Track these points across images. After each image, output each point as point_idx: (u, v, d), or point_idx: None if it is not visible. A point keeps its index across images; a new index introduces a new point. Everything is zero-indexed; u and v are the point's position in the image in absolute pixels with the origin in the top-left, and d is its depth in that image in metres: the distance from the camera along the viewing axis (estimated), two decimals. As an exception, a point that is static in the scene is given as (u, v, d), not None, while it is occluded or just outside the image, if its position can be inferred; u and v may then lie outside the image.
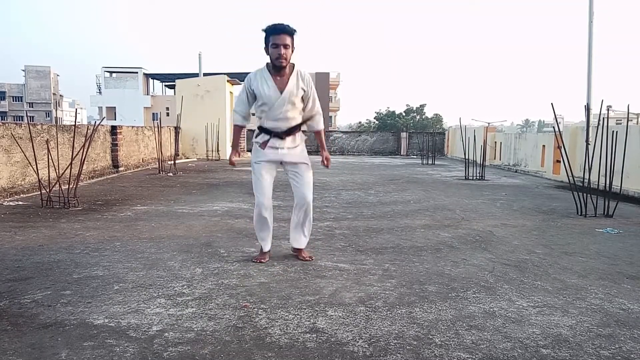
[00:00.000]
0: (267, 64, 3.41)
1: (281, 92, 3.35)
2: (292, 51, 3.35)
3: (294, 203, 3.65)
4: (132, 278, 3.12)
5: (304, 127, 3.64)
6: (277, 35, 3.27)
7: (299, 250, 3.70)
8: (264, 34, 3.32)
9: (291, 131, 3.48)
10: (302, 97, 3.47)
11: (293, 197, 3.65)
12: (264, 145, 3.47)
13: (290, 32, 3.31)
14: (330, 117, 58.47)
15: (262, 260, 3.57)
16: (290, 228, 3.73)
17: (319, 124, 3.66)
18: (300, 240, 3.68)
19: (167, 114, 47.22)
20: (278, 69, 3.35)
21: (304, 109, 3.54)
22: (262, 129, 3.50)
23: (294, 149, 3.51)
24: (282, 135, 3.45)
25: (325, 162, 3.75)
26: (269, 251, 3.67)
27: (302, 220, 3.63)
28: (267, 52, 3.34)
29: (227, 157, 16.46)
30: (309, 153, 3.71)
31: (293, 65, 3.42)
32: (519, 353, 2.15)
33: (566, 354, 2.15)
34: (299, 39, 3.38)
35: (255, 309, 2.63)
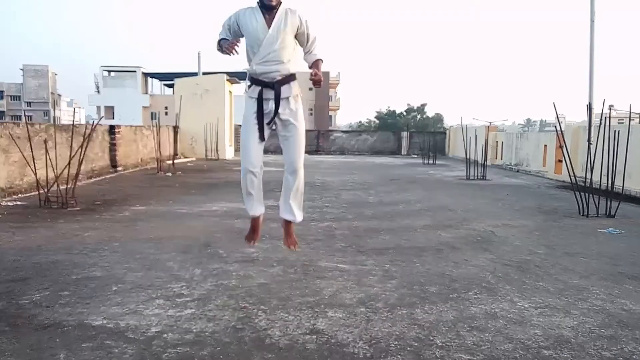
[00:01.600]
0: (257, 2, 3.23)
1: (269, 27, 3.15)
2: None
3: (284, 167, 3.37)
4: (130, 279, 3.11)
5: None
6: None
7: (287, 224, 3.37)
8: None
9: (284, 81, 3.23)
10: (296, 37, 3.25)
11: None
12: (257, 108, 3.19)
13: None
14: (331, 116, 58.50)
15: (254, 241, 3.34)
16: (280, 197, 3.39)
17: (319, 54, 3.35)
18: (287, 210, 3.31)
19: (166, 114, 47.10)
20: (268, 8, 3.17)
21: (304, 47, 3.30)
22: (253, 80, 3.27)
23: (288, 101, 3.24)
24: (273, 85, 3.20)
25: (315, 75, 3.25)
26: (259, 218, 3.37)
27: (291, 187, 3.29)
28: None
29: (226, 157, 16.36)
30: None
31: (280, 3, 3.21)
32: (520, 354, 2.14)
33: (568, 355, 2.14)
34: None
35: (255, 310, 2.61)
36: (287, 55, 3.24)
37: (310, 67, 3.39)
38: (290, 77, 3.28)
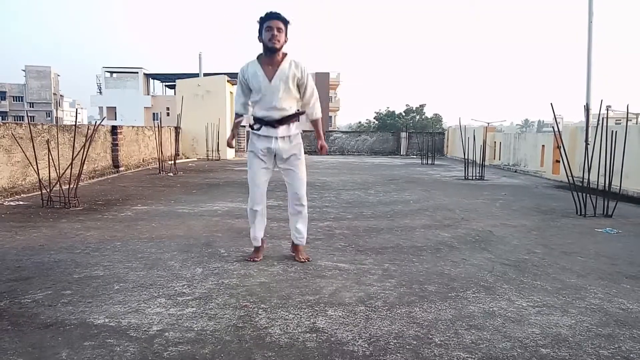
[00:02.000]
0: (259, 55, 3.42)
1: (270, 80, 3.35)
2: (286, 40, 3.36)
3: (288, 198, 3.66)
4: (132, 278, 3.13)
5: (303, 127, 3.63)
6: (271, 20, 3.31)
7: (296, 247, 3.69)
8: (259, 24, 3.34)
9: (284, 120, 3.43)
10: (297, 87, 3.44)
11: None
12: (257, 132, 3.45)
13: (284, 20, 3.34)
14: (330, 117, 58.45)
15: (256, 259, 3.58)
16: (290, 224, 3.73)
17: (317, 111, 3.61)
18: (295, 237, 3.68)
19: (168, 114, 47.26)
20: (271, 52, 3.34)
21: (301, 99, 3.51)
22: (255, 119, 3.48)
23: (288, 139, 3.46)
24: (274, 123, 3.41)
25: (321, 150, 3.72)
26: (261, 247, 3.66)
27: (296, 218, 3.63)
28: (261, 39, 3.35)
29: (227, 157, 16.45)
30: (308, 153, 3.71)
31: (286, 55, 3.40)
32: (518, 353, 2.16)
33: (565, 354, 2.16)
34: (291, 36, 3.39)
35: (256, 309, 2.64)
36: (289, 103, 3.47)
37: (310, 121, 3.68)
38: (291, 117, 3.49)
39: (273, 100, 3.38)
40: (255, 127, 3.47)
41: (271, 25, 3.29)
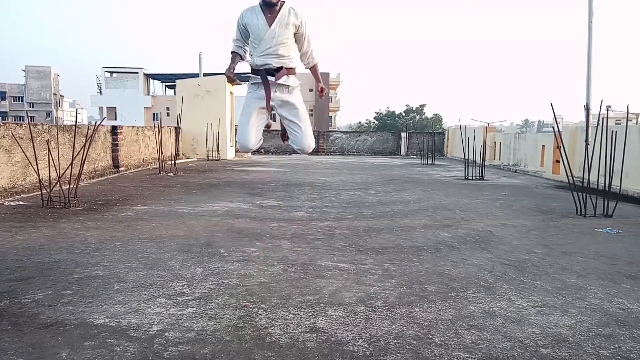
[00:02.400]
0: (260, 1, 3.41)
1: (270, 25, 3.34)
2: None
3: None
4: (132, 278, 3.13)
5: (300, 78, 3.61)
6: None
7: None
8: None
9: (283, 70, 3.41)
10: (295, 36, 3.43)
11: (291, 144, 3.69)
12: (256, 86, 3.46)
13: None
14: (330, 117, 58.46)
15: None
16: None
17: (314, 58, 3.60)
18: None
19: (168, 114, 47.29)
20: (269, 5, 3.33)
21: (299, 48, 3.50)
22: (254, 70, 3.46)
23: (287, 89, 3.45)
24: (273, 71, 3.39)
25: (320, 92, 3.69)
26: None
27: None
28: None
29: (227, 157, 16.41)
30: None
31: (284, 3, 3.40)
32: (518, 353, 2.16)
33: (566, 354, 2.16)
34: None
35: (256, 309, 2.64)
36: (286, 50, 3.43)
37: (308, 69, 3.60)
38: (289, 70, 3.43)
39: (272, 46, 3.36)
40: (252, 79, 3.45)
41: None
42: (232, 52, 3.60)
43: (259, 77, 3.44)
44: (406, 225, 5.05)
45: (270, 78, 3.40)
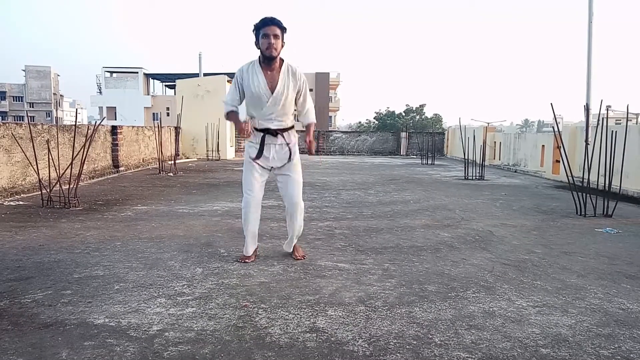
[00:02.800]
0: (259, 57, 3.38)
1: (272, 91, 3.34)
2: (282, 45, 3.33)
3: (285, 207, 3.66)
4: (132, 278, 3.13)
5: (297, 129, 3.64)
6: (267, 27, 3.28)
7: (292, 251, 3.74)
8: (254, 31, 3.33)
9: (284, 130, 3.47)
10: (295, 96, 3.45)
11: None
12: (258, 152, 3.46)
13: (280, 25, 3.31)
14: (330, 117, 58.50)
15: (247, 260, 3.56)
16: (288, 233, 3.73)
17: (311, 117, 3.61)
18: (289, 245, 3.73)
19: (168, 114, 47.30)
20: (268, 60, 3.33)
21: (296, 106, 3.52)
22: (255, 128, 3.46)
23: (287, 147, 3.48)
24: (274, 132, 3.43)
25: (309, 145, 3.57)
26: (254, 253, 3.65)
27: (292, 224, 3.62)
28: (258, 46, 3.33)
29: (227, 157, 16.38)
30: (300, 152, 3.71)
31: (283, 61, 3.40)
32: (518, 352, 2.16)
33: (566, 354, 2.16)
34: (291, 37, 3.41)
35: (256, 309, 2.64)
36: (287, 115, 3.48)
37: (303, 127, 3.65)
38: (289, 130, 3.53)
39: (274, 112, 3.38)
40: (253, 137, 3.46)
41: (267, 32, 3.26)
42: (228, 113, 3.51)
43: (260, 135, 3.44)
44: (406, 225, 5.05)
45: (271, 138, 3.43)
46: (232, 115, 3.52)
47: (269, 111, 3.38)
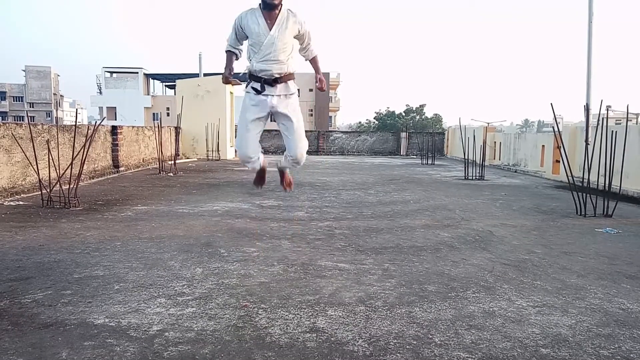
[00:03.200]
0: (259, 4, 3.38)
1: (270, 29, 3.32)
2: None
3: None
4: (132, 278, 3.13)
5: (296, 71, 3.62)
6: None
7: (282, 173, 3.90)
8: None
9: (282, 78, 3.41)
10: (296, 37, 3.43)
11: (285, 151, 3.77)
12: (254, 90, 3.46)
13: None
14: (330, 117, 58.50)
15: (261, 185, 3.82)
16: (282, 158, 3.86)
17: (313, 50, 3.60)
18: (284, 164, 3.85)
19: (168, 114, 47.33)
20: (270, 7, 3.31)
21: (300, 45, 3.50)
22: (251, 76, 3.44)
23: (286, 98, 3.47)
24: (272, 82, 3.39)
25: (320, 83, 3.67)
26: (263, 168, 3.83)
27: (290, 161, 3.75)
28: None
29: (227, 157, 16.40)
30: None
31: (282, 5, 3.38)
32: (518, 352, 2.16)
33: (566, 354, 2.16)
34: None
35: (256, 309, 2.64)
36: (286, 55, 3.41)
37: (308, 62, 3.62)
38: (288, 76, 3.41)
39: (272, 52, 3.34)
40: (254, 86, 3.46)
41: None
42: (227, 52, 3.58)
43: (258, 83, 3.43)
44: (406, 225, 5.05)
45: (269, 87, 3.41)
46: (227, 55, 3.58)
47: (266, 51, 3.34)
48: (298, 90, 3.65)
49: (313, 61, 3.66)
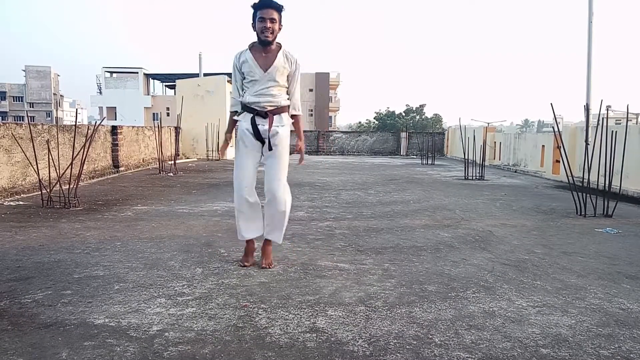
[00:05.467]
0: (252, 43, 3.36)
1: (265, 70, 3.30)
2: (280, 28, 3.30)
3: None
4: (132, 278, 3.13)
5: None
6: (264, 10, 3.23)
7: (265, 246, 3.50)
8: (253, 11, 3.28)
9: (275, 111, 3.36)
10: (287, 77, 3.39)
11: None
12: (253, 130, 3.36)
13: (277, 7, 3.26)
14: (330, 117, 58.50)
15: (246, 264, 3.42)
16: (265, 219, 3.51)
17: (297, 106, 3.50)
18: (269, 231, 3.47)
19: (168, 114, 47.35)
20: (264, 44, 3.29)
21: (287, 89, 3.43)
22: (245, 108, 3.39)
23: (278, 128, 3.35)
24: (264, 114, 3.33)
25: (299, 150, 3.54)
26: (253, 242, 3.51)
27: (272, 213, 3.41)
28: (254, 28, 3.29)
29: (227, 157, 16.44)
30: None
31: (280, 46, 3.37)
32: (518, 353, 2.16)
33: (566, 354, 2.16)
34: (292, 36, 3.47)
35: (256, 309, 2.64)
36: (280, 91, 3.40)
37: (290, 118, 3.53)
38: (281, 109, 3.41)
39: (266, 87, 3.31)
40: (242, 116, 3.39)
41: (264, 16, 3.22)
42: (231, 112, 3.52)
43: (250, 115, 3.36)
44: (406, 225, 5.05)
45: (260, 119, 3.34)
46: (231, 116, 3.53)
47: (260, 86, 3.31)
48: (292, 121, 3.53)
49: (296, 120, 3.52)
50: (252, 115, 3.36)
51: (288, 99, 3.45)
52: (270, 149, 3.37)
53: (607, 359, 2.12)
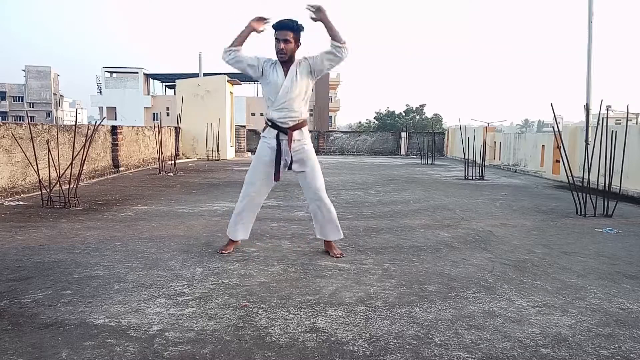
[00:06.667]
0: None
1: (286, 84, 3.47)
2: (297, 47, 3.46)
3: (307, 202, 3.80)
4: (132, 278, 3.13)
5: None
6: (279, 31, 3.40)
7: (328, 244, 3.80)
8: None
9: (295, 127, 3.56)
10: (315, 67, 3.49)
11: (303, 195, 3.80)
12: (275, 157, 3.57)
13: (292, 28, 3.39)
14: (330, 117, 58.50)
15: (224, 252, 3.70)
16: (314, 225, 3.82)
17: (338, 35, 3.44)
18: (328, 233, 3.77)
19: (168, 114, 47.32)
20: (281, 62, 3.48)
21: (325, 61, 3.45)
22: (270, 124, 3.59)
23: (299, 144, 3.58)
24: (287, 130, 3.52)
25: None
26: (238, 242, 3.82)
27: (321, 214, 3.72)
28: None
29: (227, 157, 16.37)
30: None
31: (295, 59, 3.53)
32: (518, 352, 2.16)
33: (566, 354, 2.16)
34: (305, 35, 3.46)
35: (256, 309, 2.64)
36: (301, 105, 3.55)
37: (335, 42, 3.49)
38: (301, 124, 3.60)
39: (286, 100, 3.47)
40: (267, 132, 3.60)
41: (278, 37, 3.39)
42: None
43: (275, 131, 3.55)
44: (406, 225, 5.05)
45: (282, 135, 3.54)
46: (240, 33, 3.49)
47: (281, 100, 3.47)
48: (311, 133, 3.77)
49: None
50: (276, 132, 3.54)
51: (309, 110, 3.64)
52: (289, 168, 3.59)
53: (607, 359, 2.12)
